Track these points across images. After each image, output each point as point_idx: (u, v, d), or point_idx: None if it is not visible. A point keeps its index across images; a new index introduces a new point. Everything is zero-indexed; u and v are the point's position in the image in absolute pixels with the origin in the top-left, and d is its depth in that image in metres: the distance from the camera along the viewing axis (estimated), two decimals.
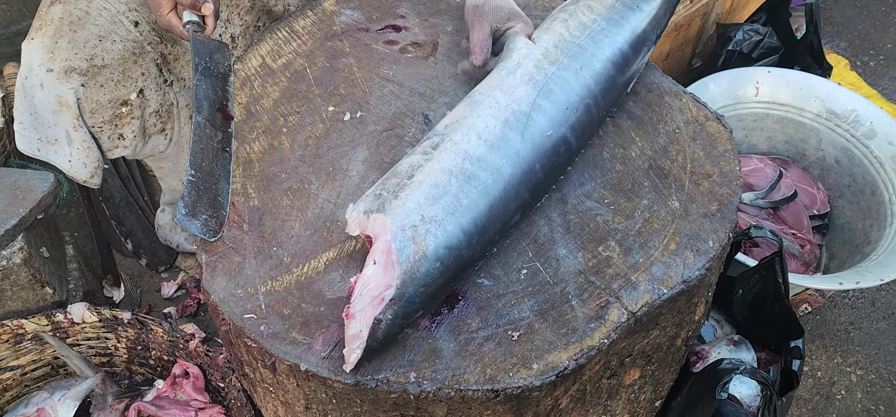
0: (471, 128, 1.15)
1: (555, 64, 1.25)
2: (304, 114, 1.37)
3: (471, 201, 1.08)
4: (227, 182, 1.26)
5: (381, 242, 1.02)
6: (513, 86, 1.22)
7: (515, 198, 1.13)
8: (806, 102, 2.15)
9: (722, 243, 1.17)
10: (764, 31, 2.24)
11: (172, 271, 2.26)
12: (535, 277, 1.12)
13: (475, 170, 1.11)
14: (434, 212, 1.05)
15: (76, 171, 1.52)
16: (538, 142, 1.17)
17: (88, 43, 1.44)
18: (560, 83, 1.23)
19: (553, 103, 1.21)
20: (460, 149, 1.12)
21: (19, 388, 1.76)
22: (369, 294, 1.00)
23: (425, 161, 1.11)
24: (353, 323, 1.00)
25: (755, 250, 1.96)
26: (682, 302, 1.16)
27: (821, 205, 2.12)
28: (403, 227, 1.03)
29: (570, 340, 1.05)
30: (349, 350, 1.00)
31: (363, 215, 1.06)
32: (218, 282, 1.14)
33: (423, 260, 1.02)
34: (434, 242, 1.03)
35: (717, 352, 1.60)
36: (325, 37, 1.52)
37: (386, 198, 1.07)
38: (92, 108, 1.48)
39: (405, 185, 1.08)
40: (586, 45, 1.29)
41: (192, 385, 1.67)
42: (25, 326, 1.66)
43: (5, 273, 1.61)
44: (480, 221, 1.08)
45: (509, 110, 1.18)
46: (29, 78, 1.43)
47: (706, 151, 1.31)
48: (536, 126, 1.17)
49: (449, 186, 1.08)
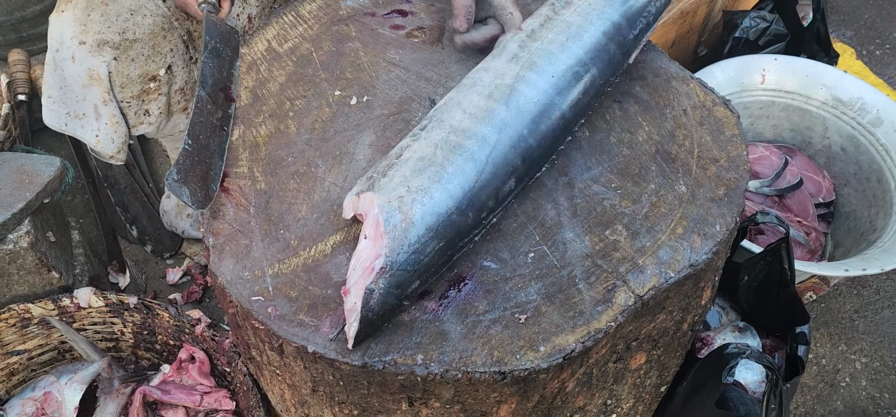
0: (456, 105, 1.18)
1: (539, 40, 1.27)
2: (311, 98, 1.37)
3: (456, 168, 1.09)
4: (221, 159, 1.26)
5: (369, 217, 1.05)
6: (496, 65, 1.24)
7: (505, 164, 1.13)
8: (812, 90, 2.14)
9: (729, 227, 1.17)
10: (771, 17, 2.23)
11: (177, 257, 2.26)
12: (543, 260, 1.12)
13: (460, 140, 1.12)
14: (420, 182, 1.07)
15: (103, 146, 1.53)
16: (524, 109, 1.17)
17: (120, 16, 1.44)
18: (544, 55, 1.24)
19: (537, 73, 1.21)
20: (445, 124, 1.15)
21: (26, 372, 1.77)
22: (361, 266, 1.02)
23: (413, 141, 1.15)
24: (349, 297, 1.01)
25: (760, 237, 1.96)
26: (688, 287, 1.16)
27: (826, 192, 2.11)
28: (390, 199, 1.04)
29: (577, 323, 1.05)
30: (348, 325, 1.01)
31: (354, 196, 1.10)
32: (225, 265, 1.14)
33: (411, 226, 1.03)
34: (421, 209, 1.04)
35: (723, 339, 1.60)
36: (332, 21, 1.52)
37: (375, 178, 1.10)
38: (122, 83, 1.48)
39: (393, 164, 1.11)
40: (573, 19, 1.30)
41: (198, 370, 1.68)
42: (32, 310, 1.67)
43: (12, 256, 1.62)
44: (468, 186, 1.09)
45: (493, 85, 1.20)
46: (60, 51, 1.43)
47: (713, 136, 1.30)
48: (520, 96, 1.19)
49: (434, 157, 1.10)
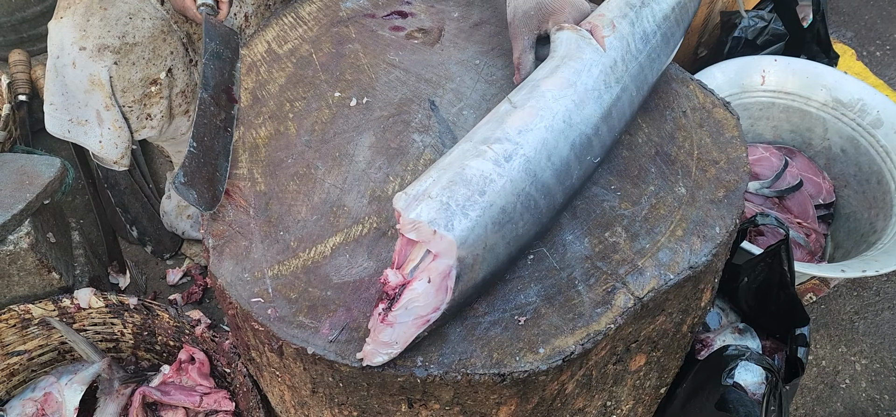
0: (543, 145, 1.07)
1: (619, 83, 1.19)
2: (310, 99, 1.37)
3: (526, 230, 1.05)
4: (227, 160, 1.27)
5: (441, 264, 0.95)
6: (582, 99, 1.14)
7: (554, 220, 1.14)
8: (812, 91, 2.14)
9: (729, 229, 1.17)
10: (769, 16, 2.23)
11: (177, 258, 2.26)
12: (542, 262, 1.12)
13: (538, 197, 1.06)
14: (495, 241, 1.00)
15: (107, 152, 1.53)
16: (587, 170, 1.16)
17: (119, 20, 1.44)
18: (619, 109, 1.19)
19: (609, 129, 1.18)
20: (531, 169, 1.05)
21: (26, 373, 1.77)
22: (416, 311, 0.96)
23: (498, 176, 1.01)
24: (390, 331, 0.96)
25: (760, 239, 1.96)
26: (688, 288, 1.16)
27: (826, 194, 2.11)
28: (468, 255, 0.97)
29: (577, 325, 1.05)
30: (374, 351, 0.98)
31: (428, 226, 0.94)
32: (225, 266, 1.14)
33: (473, 287, 1.00)
34: (484, 270, 1.01)
35: (723, 340, 1.60)
36: (331, 23, 1.52)
37: (454, 211, 0.96)
38: (123, 87, 1.48)
39: (476, 203, 0.98)
40: (645, 64, 1.25)
41: (198, 371, 1.68)
42: (32, 311, 1.67)
43: (12, 257, 1.62)
44: (524, 241, 1.07)
45: (577, 131, 1.11)
46: (61, 57, 1.43)
47: (713, 138, 1.31)
48: (591, 152, 1.15)
49: (514, 212, 1.02)
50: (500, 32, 1.48)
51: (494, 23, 1.51)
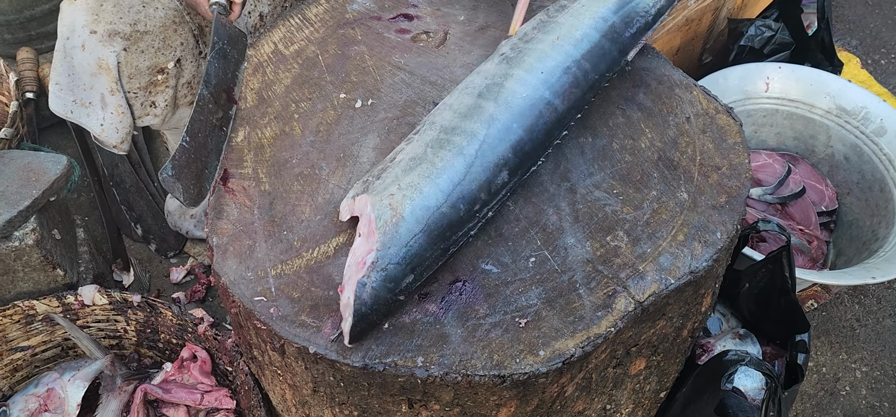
0: (447, 107, 1.22)
1: (529, 40, 1.30)
2: (316, 100, 1.38)
3: (445, 163, 1.12)
4: (218, 158, 1.28)
5: (363, 216, 1.08)
6: (487, 68, 1.27)
7: (495, 156, 1.15)
8: (816, 98, 2.14)
9: (730, 235, 1.18)
10: (776, 26, 2.24)
11: (181, 257, 2.27)
12: (544, 265, 1.13)
13: (449, 137, 1.16)
14: (410, 179, 1.10)
15: (107, 135, 1.53)
16: (513, 104, 1.19)
17: (132, 7, 1.45)
18: (534, 53, 1.27)
19: (526, 70, 1.24)
20: (436, 125, 1.19)
21: (30, 368, 1.78)
22: (354, 262, 1.04)
23: (407, 144, 1.18)
24: (344, 293, 1.03)
25: (762, 245, 1.96)
26: (689, 293, 1.16)
27: (829, 201, 2.11)
28: (382, 198, 1.08)
29: (577, 328, 1.06)
30: (344, 321, 1.02)
31: (350, 200, 1.14)
32: (229, 265, 1.15)
33: (401, 221, 1.06)
34: (410, 204, 1.07)
35: (723, 345, 1.60)
36: (338, 24, 1.53)
37: (370, 181, 1.13)
38: (130, 73, 1.49)
39: (387, 167, 1.15)
40: (564, 20, 1.32)
41: (200, 369, 1.69)
42: (36, 307, 1.68)
43: (18, 253, 1.63)
44: (457, 179, 1.11)
45: (483, 85, 1.23)
46: (71, 39, 1.44)
47: (716, 144, 1.31)
48: (509, 92, 1.21)
49: (424, 156, 1.13)
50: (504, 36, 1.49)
51: (500, 26, 1.52)
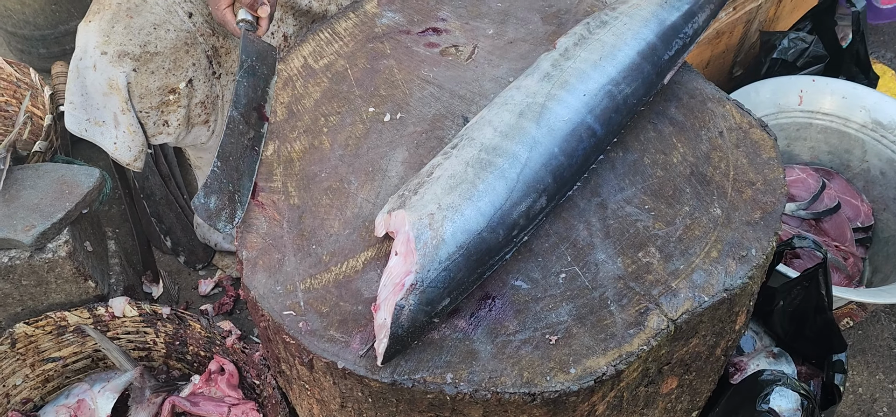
0: (487, 123, 1.19)
1: (571, 59, 1.27)
2: (345, 114, 1.38)
3: (487, 185, 1.09)
4: (250, 180, 1.27)
5: (401, 234, 1.05)
6: (528, 84, 1.25)
7: (536, 181, 1.13)
8: (851, 112, 2.10)
9: (765, 252, 1.15)
10: (810, 39, 2.20)
11: (210, 269, 2.29)
12: (574, 281, 1.12)
13: (490, 157, 1.13)
14: (451, 200, 1.07)
15: (120, 153, 1.55)
16: (555, 128, 1.17)
17: (143, 29, 1.48)
18: (576, 74, 1.24)
19: (569, 92, 1.21)
20: (476, 142, 1.16)
21: (61, 379, 1.80)
22: (391, 283, 1.02)
23: (444, 160, 1.15)
24: (379, 313, 1.02)
25: (797, 261, 1.92)
26: (722, 311, 1.14)
27: (865, 217, 2.07)
28: (421, 216, 1.05)
29: (609, 346, 1.04)
30: (378, 341, 1.01)
31: (386, 214, 1.11)
32: (258, 279, 1.15)
33: (442, 243, 1.03)
34: (451, 226, 1.05)
35: (757, 364, 1.57)
36: (367, 38, 1.53)
37: (407, 196, 1.11)
38: (141, 94, 1.51)
39: (425, 183, 1.12)
40: (607, 39, 1.30)
41: (227, 382, 1.69)
42: (68, 318, 1.70)
43: (51, 265, 1.65)
44: (499, 203, 1.09)
45: (524, 104, 1.20)
46: (83, 59, 1.47)
47: (749, 159, 1.29)
48: (552, 114, 1.19)
49: (465, 175, 1.10)
50: (534, 50, 1.48)
51: (529, 41, 1.51)
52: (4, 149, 1.73)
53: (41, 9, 2.55)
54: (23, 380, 1.74)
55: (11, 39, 2.69)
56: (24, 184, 1.70)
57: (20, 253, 1.62)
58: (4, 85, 2.32)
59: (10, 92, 2.33)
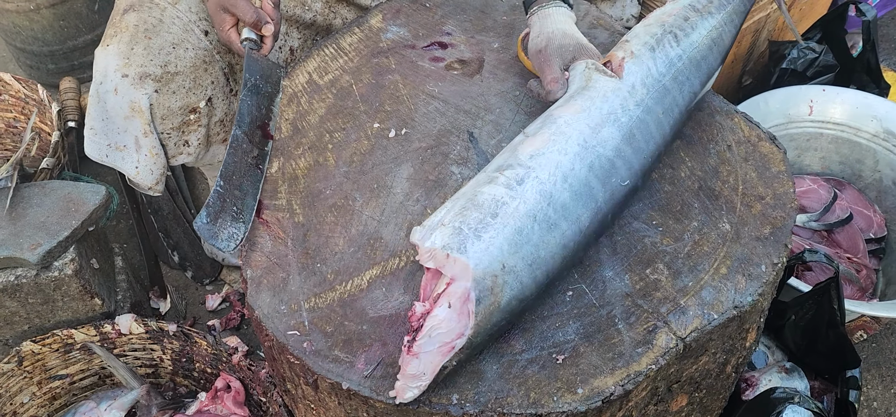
0: (557, 167, 1.07)
1: (640, 106, 1.19)
2: (350, 130, 1.38)
3: (549, 253, 1.03)
4: (254, 199, 1.27)
5: (459, 287, 0.95)
6: (598, 123, 1.14)
7: (586, 248, 1.12)
8: (862, 122, 2.08)
9: (775, 268, 1.14)
10: (820, 48, 2.18)
11: (217, 284, 2.28)
12: (581, 299, 1.10)
13: (558, 219, 1.05)
14: (514, 262, 0.99)
15: (142, 178, 1.55)
16: (615, 193, 1.13)
17: (163, 50, 1.47)
18: (643, 129, 1.18)
19: (634, 151, 1.16)
20: (546, 190, 1.05)
21: (67, 397, 1.80)
22: (440, 339, 0.95)
23: (509, 198, 1.03)
24: (416, 362, 0.95)
25: (808, 274, 1.90)
26: (733, 328, 1.12)
27: (877, 228, 2.05)
28: (485, 276, 0.96)
29: (617, 365, 1.03)
30: (404, 385, 0.97)
31: (441, 251, 0.96)
32: (262, 298, 1.14)
33: (497, 311, 0.98)
34: (509, 294, 0.99)
35: (769, 380, 1.55)
36: (372, 53, 1.53)
37: (467, 235, 0.97)
38: (163, 115, 1.51)
39: (488, 225, 0.99)
40: (671, 86, 1.23)
41: (233, 400, 1.68)
42: (75, 336, 1.70)
43: (57, 283, 1.65)
44: (553, 273, 1.05)
45: (594, 153, 1.11)
46: (103, 83, 1.47)
47: (759, 172, 1.27)
48: (617, 175, 1.13)
49: (531, 234, 1.02)
50: None
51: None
52: (11, 167, 1.73)
53: (50, 25, 2.56)
54: (30, 398, 1.74)
55: (20, 55, 2.71)
56: (30, 202, 1.70)
57: (26, 271, 1.62)
58: (12, 101, 2.33)
59: (18, 108, 2.34)
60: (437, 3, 1.64)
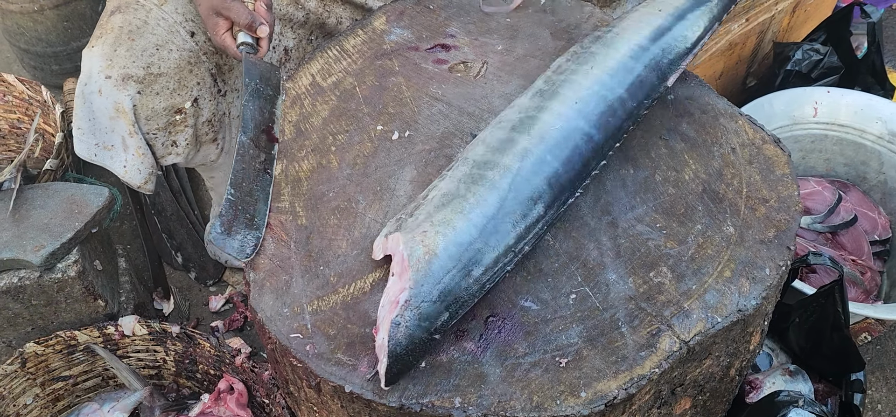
0: (480, 142, 1.20)
1: (563, 72, 1.28)
2: (353, 132, 1.37)
3: (478, 198, 1.09)
4: (266, 204, 1.26)
5: (396, 255, 1.06)
6: (521, 102, 1.26)
7: (529, 189, 1.12)
8: (867, 123, 2.07)
9: (779, 271, 1.13)
10: (824, 50, 2.18)
11: (220, 285, 2.29)
12: (585, 302, 1.10)
13: (481, 171, 1.13)
14: (442, 216, 1.08)
15: (131, 177, 1.55)
16: (546, 136, 1.17)
17: (146, 51, 1.47)
18: (567, 84, 1.25)
19: (560, 101, 1.22)
20: (469, 160, 1.17)
21: (70, 398, 1.80)
22: (388, 302, 1.02)
23: (440, 181, 1.17)
24: (379, 334, 1.01)
25: (813, 276, 1.89)
26: (736, 332, 1.12)
27: (882, 230, 2.04)
28: (414, 235, 1.05)
29: (620, 368, 1.02)
30: (380, 364, 1.00)
31: (383, 238, 1.12)
32: (265, 300, 1.14)
33: (434, 257, 1.03)
34: (443, 240, 1.04)
35: (772, 382, 1.54)
36: (375, 55, 1.53)
37: (403, 219, 1.12)
38: (147, 115, 1.51)
39: (420, 204, 1.13)
40: (598, 49, 1.31)
41: (236, 401, 1.68)
42: (78, 337, 1.70)
43: (60, 285, 1.65)
44: (491, 214, 1.08)
45: (516, 119, 1.21)
46: (88, 84, 1.47)
47: (763, 175, 1.27)
48: (542, 123, 1.19)
49: (457, 191, 1.11)
50: (543, 66, 1.47)
51: (538, 56, 1.50)
52: (15, 169, 1.73)
53: (53, 26, 2.57)
54: (33, 400, 1.74)
55: (24, 56, 2.71)
56: (33, 204, 1.70)
57: (29, 273, 1.62)
58: (16, 103, 2.33)
59: (22, 109, 2.34)
60: (441, 4, 1.64)
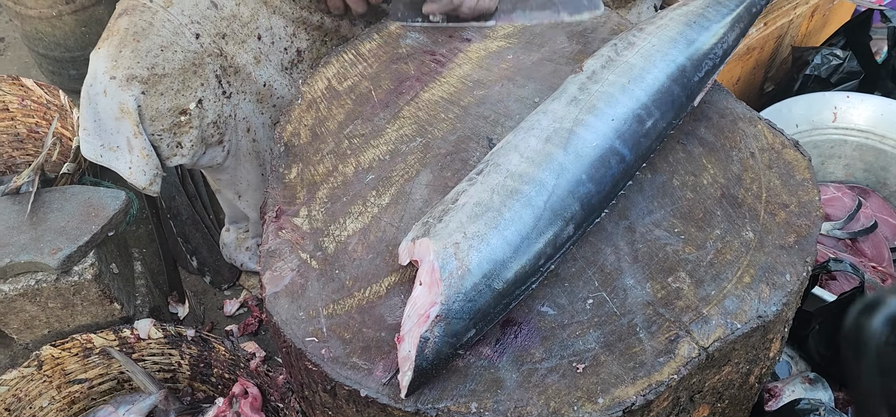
0: (513, 149, 1.16)
1: (599, 82, 1.23)
2: (369, 136, 1.37)
3: (513, 213, 1.06)
4: None
5: (425, 263, 1.03)
6: (555, 108, 1.21)
7: (563, 209, 1.10)
8: (887, 129, 2.05)
9: (800, 277, 1.12)
10: (844, 55, 2.15)
11: (235, 289, 2.29)
12: (602, 307, 1.09)
13: (517, 185, 1.09)
14: (476, 228, 1.04)
15: (136, 178, 1.56)
16: (582, 154, 1.14)
17: (150, 52, 1.48)
18: (604, 98, 1.20)
19: (597, 117, 1.18)
20: (502, 169, 1.13)
21: (86, 401, 1.80)
22: (416, 313, 1.00)
23: (469, 186, 1.12)
24: (403, 345, 0.99)
25: (833, 283, 1.87)
26: (756, 338, 1.10)
27: None
28: (446, 245, 1.02)
29: (638, 374, 1.01)
30: (402, 373, 0.99)
31: (410, 242, 1.09)
32: (281, 304, 1.14)
33: (467, 274, 1.00)
34: (477, 256, 1.02)
35: (792, 390, 1.52)
36: (391, 59, 1.52)
37: (431, 224, 1.08)
38: (152, 116, 1.51)
39: (449, 210, 1.09)
40: (635, 61, 1.26)
41: (251, 405, 1.68)
42: (94, 340, 1.70)
43: (77, 288, 1.66)
44: (525, 232, 1.06)
45: (551, 129, 1.17)
46: (93, 85, 1.48)
47: (783, 180, 1.25)
48: (579, 139, 1.15)
49: (491, 203, 1.07)
50: (559, 70, 1.46)
51: (554, 60, 1.49)
52: (32, 172, 1.74)
53: (72, 31, 2.59)
54: (49, 402, 1.74)
55: (43, 61, 2.74)
56: (51, 207, 1.71)
57: (47, 275, 1.63)
58: (34, 107, 2.35)
59: (41, 113, 2.36)
60: None
